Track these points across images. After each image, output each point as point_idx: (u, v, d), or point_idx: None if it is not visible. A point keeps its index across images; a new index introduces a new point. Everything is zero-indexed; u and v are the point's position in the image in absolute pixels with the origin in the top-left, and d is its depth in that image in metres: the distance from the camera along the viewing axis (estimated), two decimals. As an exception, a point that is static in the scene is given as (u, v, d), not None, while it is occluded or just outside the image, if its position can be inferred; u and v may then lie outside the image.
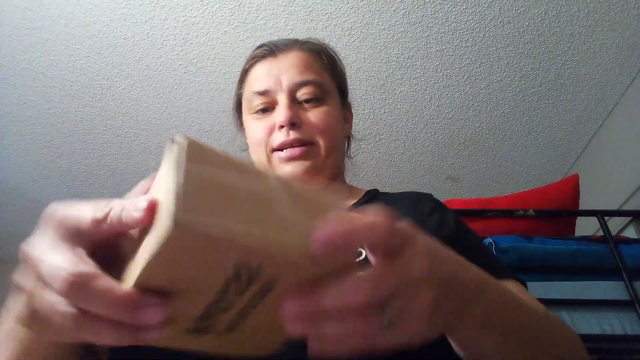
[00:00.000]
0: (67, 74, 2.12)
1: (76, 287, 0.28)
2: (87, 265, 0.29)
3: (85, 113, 2.28)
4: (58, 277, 0.29)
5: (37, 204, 2.73)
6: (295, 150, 0.71)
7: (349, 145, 0.90)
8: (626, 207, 2.14)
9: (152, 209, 0.28)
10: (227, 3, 1.92)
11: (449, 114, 2.36)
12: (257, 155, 0.77)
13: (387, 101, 2.30)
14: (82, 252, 0.30)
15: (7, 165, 2.51)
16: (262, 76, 0.77)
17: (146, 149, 2.45)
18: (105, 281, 0.28)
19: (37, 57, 2.05)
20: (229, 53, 2.06)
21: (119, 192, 2.63)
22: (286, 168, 0.72)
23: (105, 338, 0.30)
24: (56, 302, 0.29)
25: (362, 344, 0.33)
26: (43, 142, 2.40)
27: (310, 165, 0.73)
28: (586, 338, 1.28)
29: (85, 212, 0.31)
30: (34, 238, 0.32)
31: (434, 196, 0.78)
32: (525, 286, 0.66)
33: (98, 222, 0.30)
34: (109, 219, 0.30)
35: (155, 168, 0.32)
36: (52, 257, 0.30)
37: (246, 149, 0.85)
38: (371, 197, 0.79)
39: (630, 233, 2.08)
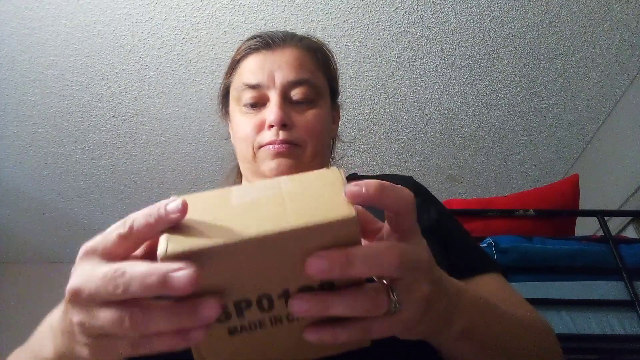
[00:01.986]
0: (67, 74, 2.12)
1: (125, 276, 0.31)
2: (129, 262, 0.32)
3: (85, 113, 2.28)
4: (108, 278, 0.31)
5: (37, 204, 2.73)
6: (282, 146, 0.69)
7: (333, 146, 0.88)
8: (626, 207, 2.14)
9: (185, 208, 0.32)
10: (227, 3, 1.92)
11: (449, 114, 2.36)
12: (242, 150, 0.74)
13: (387, 101, 2.30)
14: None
15: (7, 165, 2.51)
16: (255, 69, 0.74)
17: (146, 149, 2.45)
18: (146, 264, 0.31)
19: (37, 57, 2.05)
20: (229, 53, 2.05)
21: (119, 192, 2.65)
22: (271, 164, 0.70)
23: (162, 341, 0.31)
24: (112, 314, 0.31)
25: (363, 329, 0.34)
26: (43, 142, 2.40)
27: (293, 164, 0.70)
28: (586, 338, 1.28)
29: (109, 233, 0.34)
30: (73, 275, 0.34)
31: (421, 183, 0.76)
32: (505, 276, 0.67)
33: (124, 237, 0.33)
34: (134, 230, 0.33)
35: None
36: (96, 273, 0.32)
37: (228, 137, 0.82)
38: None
39: (630, 233, 2.08)
